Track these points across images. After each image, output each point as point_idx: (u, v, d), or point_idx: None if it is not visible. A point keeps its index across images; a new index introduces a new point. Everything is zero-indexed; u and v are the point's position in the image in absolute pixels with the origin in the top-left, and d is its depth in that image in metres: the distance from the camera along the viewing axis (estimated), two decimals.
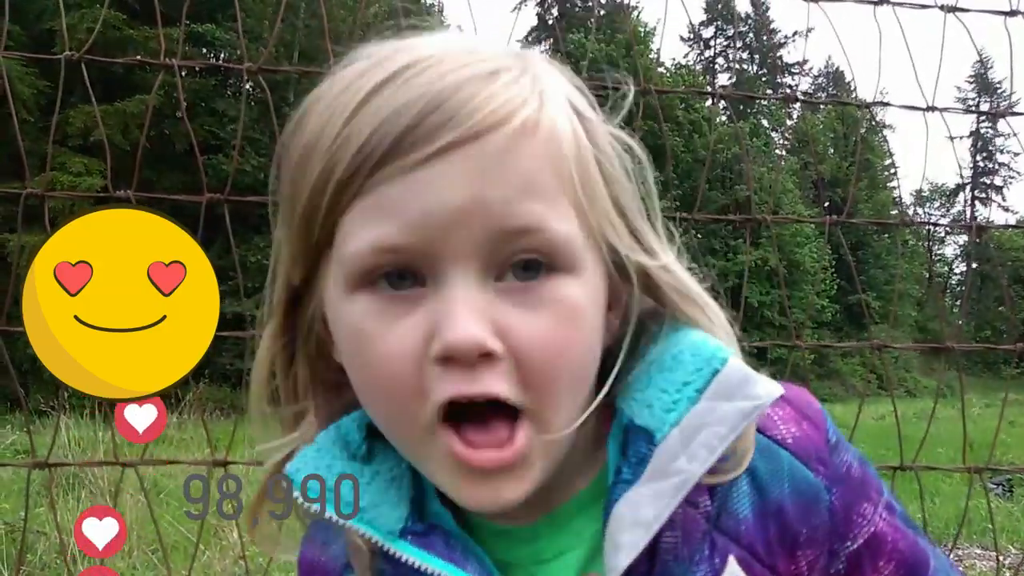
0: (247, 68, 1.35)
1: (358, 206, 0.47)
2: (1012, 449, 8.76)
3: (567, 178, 0.49)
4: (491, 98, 0.47)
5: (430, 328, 0.47)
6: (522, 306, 0.48)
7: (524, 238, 0.47)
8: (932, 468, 1.60)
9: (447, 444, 0.48)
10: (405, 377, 0.47)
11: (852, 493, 0.57)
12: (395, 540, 0.52)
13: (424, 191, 0.46)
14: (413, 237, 0.46)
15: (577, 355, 0.50)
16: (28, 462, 1.34)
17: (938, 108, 1.51)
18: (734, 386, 0.51)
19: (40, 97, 14.80)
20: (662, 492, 0.49)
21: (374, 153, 0.46)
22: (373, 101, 0.47)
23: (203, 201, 1.34)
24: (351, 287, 0.49)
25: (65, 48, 1.33)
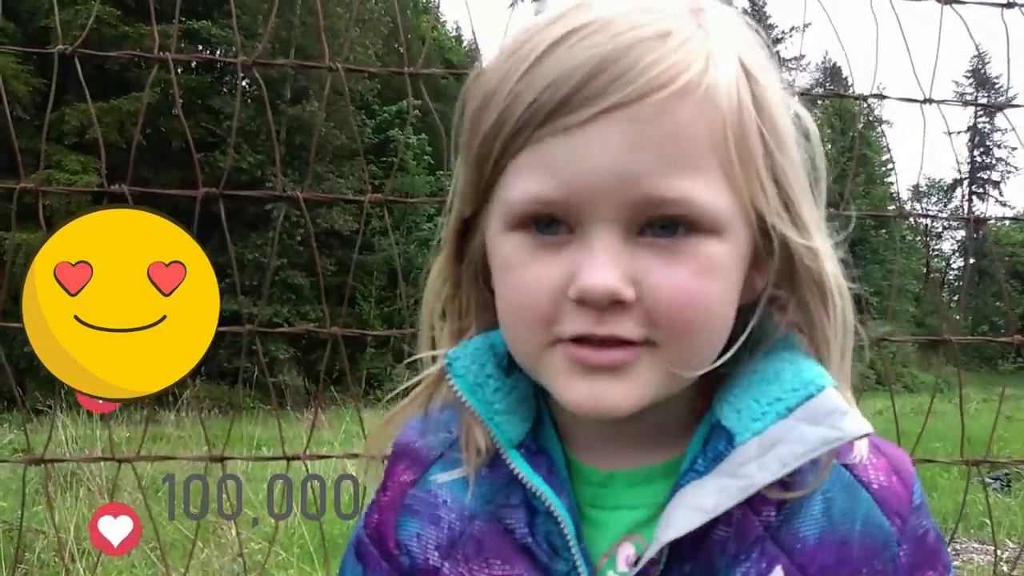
0: (241, 62, 1.34)
1: (522, 157, 0.51)
2: (1010, 444, 8.77)
3: (720, 140, 0.51)
4: (657, 62, 0.49)
5: (571, 270, 0.51)
6: (660, 259, 0.51)
7: (668, 207, 0.50)
8: (929, 461, 1.60)
9: (565, 349, 0.53)
10: (542, 306, 0.52)
11: (921, 556, 0.59)
12: (511, 449, 0.58)
13: (580, 152, 0.49)
14: (565, 194, 0.50)
15: (708, 307, 0.52)
16: (24, 458, 1.34)
17: (935, 100, 1.50)
18: (823, 414, 0.53)
19: (36, 95, 14.75)
20: (726, 489, 0.52)
21: (541, 111, 0.49)
22: (546, 60, 0.50)
23: (198, 196, 1.33)
24: (508, 226, 0.54)
25: (59, 44, 1.32)
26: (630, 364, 0.52)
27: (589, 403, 0.53)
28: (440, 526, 0.62)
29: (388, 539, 0.65)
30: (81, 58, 1.34)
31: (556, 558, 0.57)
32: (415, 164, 20.64)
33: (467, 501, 0.61)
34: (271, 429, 7.68)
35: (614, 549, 0.58)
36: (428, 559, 0.61)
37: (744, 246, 0.54)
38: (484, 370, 0.60)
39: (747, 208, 0.53)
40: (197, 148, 1.66)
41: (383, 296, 19.17)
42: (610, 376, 0.52)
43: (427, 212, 18.93)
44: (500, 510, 0.60)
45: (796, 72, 46.86)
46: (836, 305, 0.56)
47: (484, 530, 0.60)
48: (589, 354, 0.52)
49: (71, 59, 1.33)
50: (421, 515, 0.63)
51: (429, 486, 0.64)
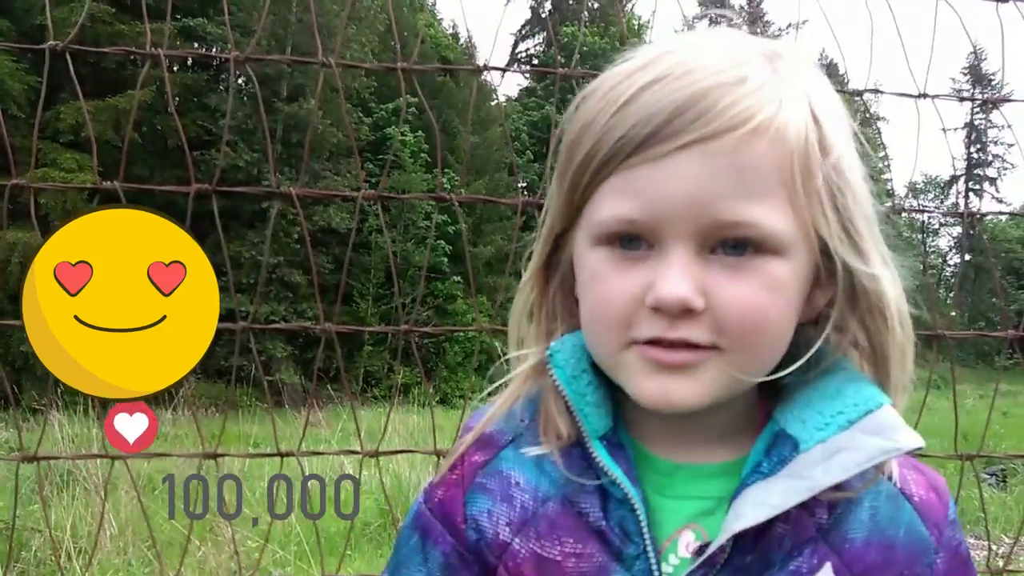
0: (234, 57, 1.33)
1: (611, 182, 0.59)
2: (1006, 439, 8.80)
3: (787, 173, 0.57)
4: (733, 104, 0.55)
5: (649, 282, 0.58)
6: (728, 274, 0.58)
7: (737, 229, 0.57)
8: (922, 455, 1.61)
9: (639, 350, 0.59)
10: (621, 312, 0.59)
11: (955, 566, 0.66)
12: (595, 440, 0.64)
13: (662, 179, 0.56)
14: (647, 215, 0.57)
15: (770, 319, 0.58)
16: (17, 455, 1.33)
17: (929, 95, 1.51)
18: (881, 427, 0.59)
19: (31, 93, 14.68)
20: (793, 488, 0.58)
21: (630, 143, 0.57)
22: (635, 101, 0.57)
23: (190, 192, 1.33)
24: (595, 242, 0.61)
25: (52, 39, 1.32)
26: (697, 365, 0.58)
27: (658, 397, 0.59)
28: (513, 504, 0.67)
29: (456, 514, 0.69)
30: (75, 55, 1.33)
31: (628, 542, 0.62)
32: (412, 161, 20.61)
33: (542, 484, 0.66)
34: (268, 427, 7.67)
35: (676, 535, 0.63)
36: (499, 534, 0.66)
37: (805, 267, 0.60)
38: (580, 364, 0.66)
39: (809, 233, 0.59)
40: (194, 146, 1.66)
41: (381, 294, 19.14)
42: (678, 374, 0.59)
43: (424, 210, 18.90)
44: (574, 494, 0.65)
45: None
46: (894, 328, 0.61)
47: (557, 511, 0.65)
48: (660, 354, 0.58)
49: (65, 56, 1.32)
50: (494, 493, 0.68)
51: (501, 467, 0.69)
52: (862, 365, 0.64)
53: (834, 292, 0.62)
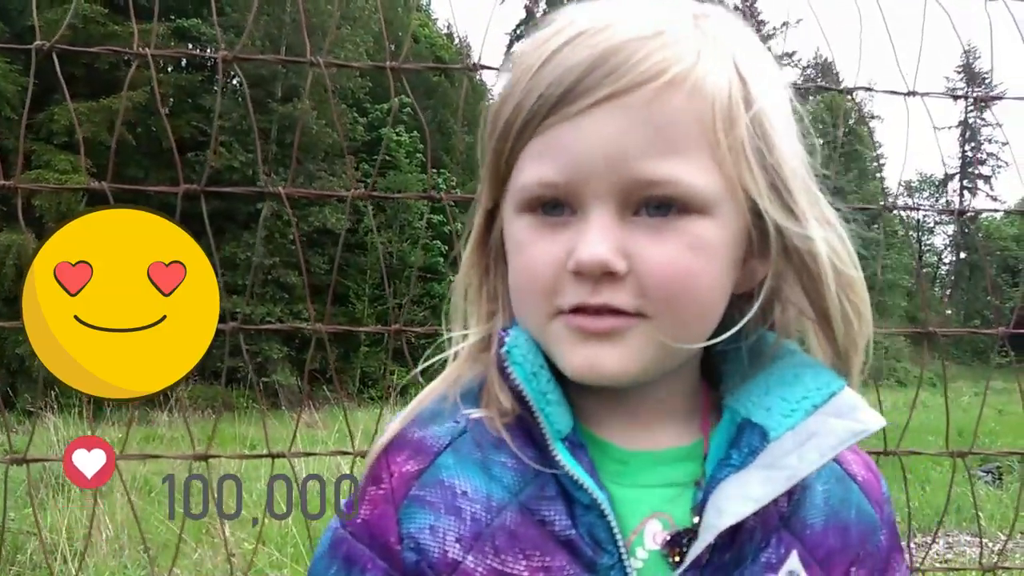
0: (222, 56, 1.33)
1: (531, 146, 0.57)
2: (1001, 437, 8.83)
3: (708, 129, 0.55)
4: (647, 57, 0.54)
5: (571, 247, 0.56)
6: (651, 235, 0.56)
7: (657, 187, 0.55)
8: (914, 453, 1.61)
9: (565, 319, 0.58)
10: (546, 278, 0.57)
11: (894, 541, 0.67)
12: (558, 442, 0.59)
13: (578, 138, 0.55)
14: (566, 177, 0.56)
15: (696, 281, 0.56)
16: (6, 458, 1.33)
17: (919, 93, 1.51)
18: (846, 409, 0.58)
19: (24, 95, 14.65)
20: (772, 479, 0.56)
21: (546, 103, 0.55)
22: (553, 60, 0.56)
23: (179, 192, 1.33)
24: (518, 209, 0.60)
25: (39, 39, 1.31)
26: (623, 331, 0.56)
27: (587, 367, 0.57)
28: (462, 517, 0.60)
29: (388, 533, 0.61)
30: (66, 56, 1.32)
31: (600, 552, 0.58)
32: (407, 161, 20.59)
33: (494, 491, 0.60)
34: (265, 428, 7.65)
35: (641, 526, 0.60)
36: (447, 552, 0.59)
37: (734, 228, 0.58)
38: (538, 360, 0.61)
39: (736, 191, 0.57)
40: (189, 147, 1.65)
41: (377, 295, 19.12)
42: (605, 342, 0.56)
43: (420, 210, 18.91)
44: (533, 501, 0.59)
45: (787, 67, 47.00)
46: (829, 291, 0.59)
47: (517, 521, 0.59)
48: (584, 321, 0.56)
49: (60, 57, 1.32)
50: (436, 506, 0.61)
51: (441, 476, 0.62)
52: (816, 335, 0.62)
53: (766, 264, 0.60)
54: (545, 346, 0.61)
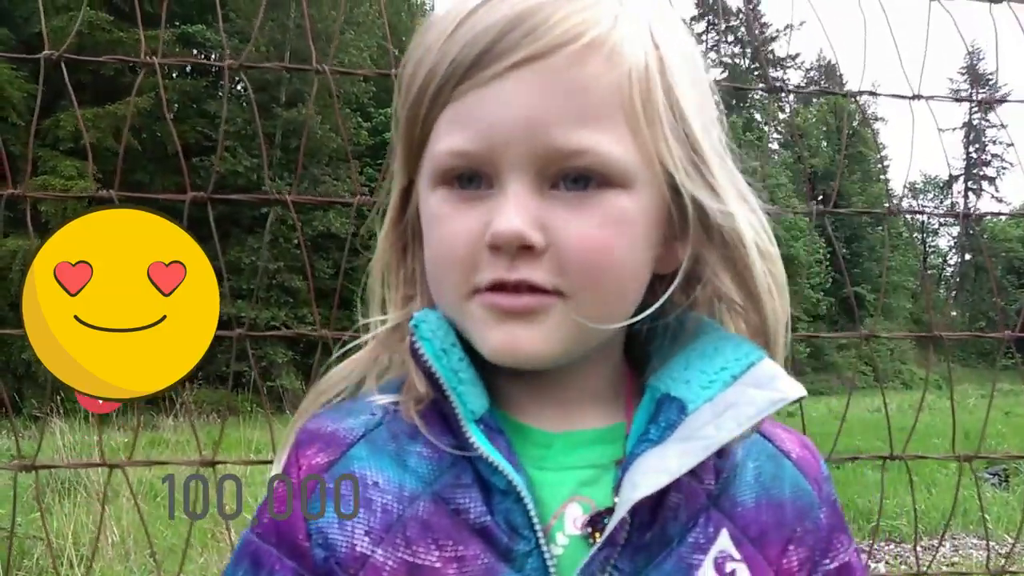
0: (228, 65, 1.34)
1: (445, 114, 0.55)
2: (1008, 439, 8.80)
3: (626, 98, 0.53)
4: (565, 18, 0.52)
5: (487, 221, 0.54)
6: (569, 209, 0.54)
7: (575, 158, 0.53)
8: (921, 457, 1.61)
9: (482, 298, 0.55)
10: (462, 255, 0.55)
11: (836, 519, 0.64)
12: (471, 423, 0.57)
13: (494, 104, 0.52)
14: (480, 146, 0.53)
15: (615, 257, 0.55)
16: (15, 464, 1.33)
17: (923, 96, 1.51)
18: (765, 379, 0.57)
19: (30, 101, 14.71)
20: (689, 451, 0.55)
21: (460, 67, 0.53)
22: (468, 22, 0.53)
23: (186, 199, 1.33)
24: (433, 183, 0.57)
25: (48, 48, 1.32)
26: (541, 310, 0.54)
27: (505, 348, 0.55)
28: (372, 509, 0.57)
29: (296, 531, 0.58)
30: (72, 63, 1.33)
31: (517, 538, 0.55)
32: None
33: (407, 481, 0.57)
34: (270, 433, 7.66)
35: (561, 510, 0.57)
36: (355, 546, 0.56)
37: (653, 203, 0.56)
38: (448, 337, 0.58)
39: (654, 165, 0.55)
40: (194, 152, 1.66)
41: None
42: (523, 321, 0.54)
43: None
44: (448, 490, 0.57)
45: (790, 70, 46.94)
46: (755, 266, 0.58)
47: (430, 510, 0.56)
48: (502, 299, 0.54)
49: (64, 64, 1.33)
50: (346, 499, 0.58)
51: (352, 467, 0.59)
52: (732, 315, 0.62)
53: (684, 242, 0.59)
54: (463, 328, 0.58)
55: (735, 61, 45.32)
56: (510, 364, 0.56)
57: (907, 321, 36.90)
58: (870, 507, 6.01)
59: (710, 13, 44.43)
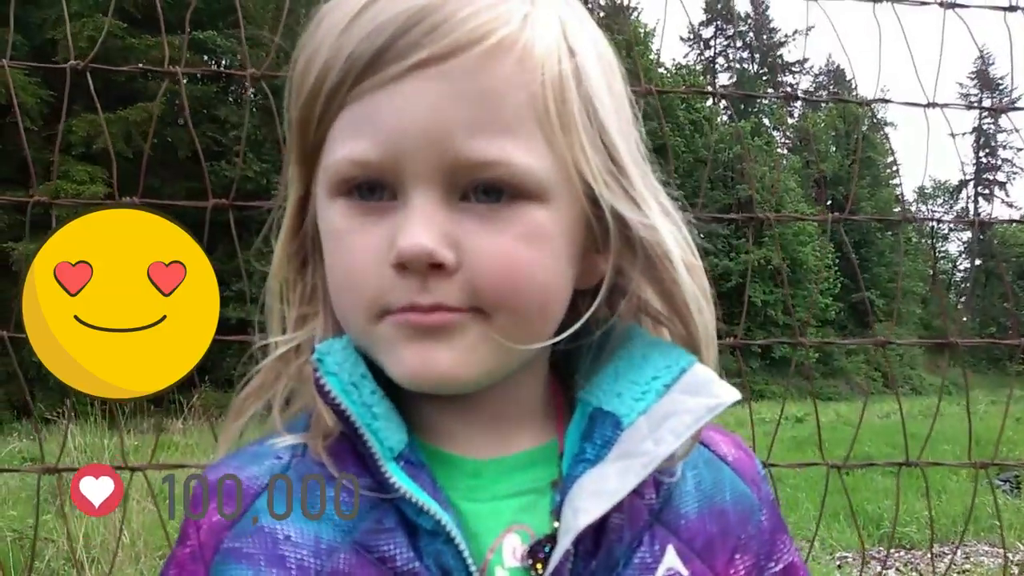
0: (250, 74, 1.35)
1: (342, 117, 0.50)
2: (1019, 446, 8.72)
3: (539, 104, 0.49)
4: (472, 16, 0.47)
5: (392, 237, 0.49)
6: (481, 225, 0.50)
7: (487, 169, 0.49)
8: (937, 464, 1.60)
9: (393, 319, 0.50)
10: (367, 277, 0.50)
11: (776, 521, 0.63)
12: (390, 462, 0.52)
13: (395, 107, 0.48)
14: (381, 154, 0.49)
15: (533, 275, 0.51)
16: (37, 468, 1.34)
17: (938, 104, 1.51)
18: (699, 384, 0.54)
19: (43, 106, 14.85)
20: (628, 468, 0.52)
21: (356, 65, 0.48)
22: (365, 15, 0.48)
23: (208, 207, 1.35)
24: (331, 193, 0.52)
25: (70, 57, 1.34)
26: (457, 327, 0.50)
27: (420, 369, 0.50)
28: (286, 566, 0.51)
29: None
30: (91, 72, 1.35)
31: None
32: None
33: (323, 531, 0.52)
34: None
35: (498, 542, 0.54)
36: None
37: (571, 217, 0.53)
38: (357, 369, 0.54)
39: (571, 176, 0.51)
40: (205, 157, 1.67)
41: None
42: (438, 340, 0.50)
43: None
44: (369, 537, 0.52)
45: (799, 75, 46.81)
46: (683, 278, 0.55)
47: (352, 562, 0.51)
48: (415, 317, 0.50)
49: (82, 72, 1.34)
50: (254, 558, 0.52)
51: (261, 521, 0.54)
52: (658, 330, 0.59)
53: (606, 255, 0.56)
54: (372, 352, 0.53)
55: (743, 66, 45.25)
56: (428, 388, 0.52)
57: (917, 327, 36.65)
58: (880, 513, 5.97)
59: (718, 18, 44.40)
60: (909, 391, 29.68)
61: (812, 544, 1.96)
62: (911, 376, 32.98)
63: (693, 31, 43.99)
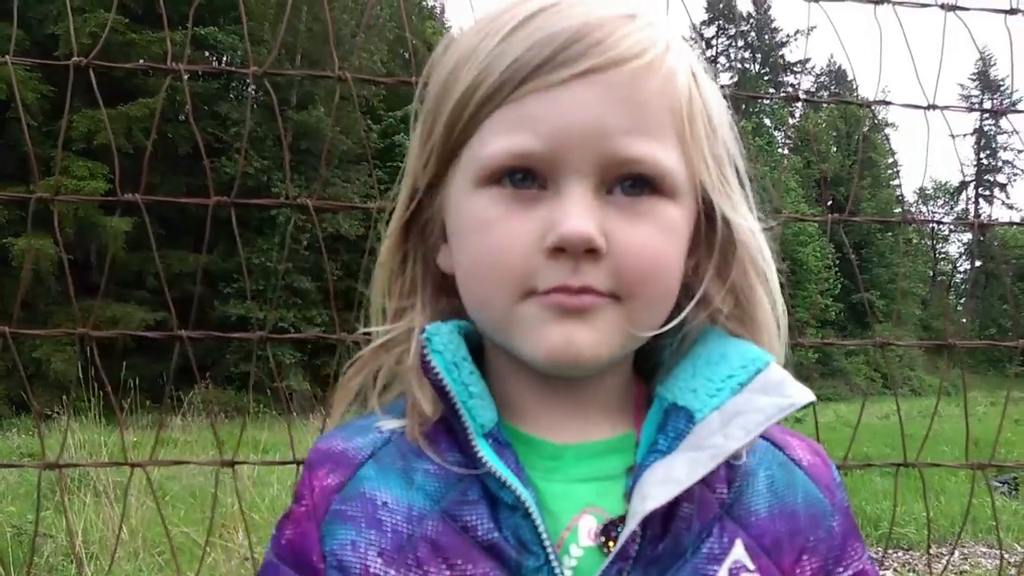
0: (253, 72, 1.35)
1: (500, 114, 0.54)
2: (1017, 447, 8.73)
3: (677, 116, 0.57)
4: (628, 37, 0.54)
5: (546, 224, 0.53)
6: (626, 216, 0.55)
7: (635, 165, 0.55)
8: (935, 465, 1.60)
9: (539, 300, 0.55)
10: (517, 260, 0.54)
11: (849, 527, 0.64)
12: (480, 438, 0.57)
13: (560, 108, 0.53)
14: (545, 147, 0.54)
15: (666, 266, 0.57)
16: (39, 463, 1.34)
17: (939, 107, 1.50)
18: (773, 385, 0.57)
19: (44, 102, 14.84)
20: (697, 460, 0.55)
21: (523, 68, 0.53)
22: (527, 25, 0.54)
23: (210, 204, 1.34)
24: (480, 183, 0.56)
25: (73, 53, 1.34)
26: (599, 311, 0.55)
27: (562, 347, 0.54)
28: (383, 530, 0.57)
29: (311, 552, 0.60)
30: (93, 68, 1.35)
31: (526, 554, 0.55)
32: None
33: (415, 500, 0.58)
34: (277, 434, 7.68)
35: (574, 522, 0.57)
36: (368, 567, 0.56)
37: (691, 217, 0.60)
38: (460, 351, 0.59)
39: (695, 180, 0.59)
40: (205, 153, 1.67)
41: None
42: (583, 322, 0.54)
43: None
44: (455, 507, 0.57)
45: (800, 75, 46.76)
46: (772, 282, 0.61)
47: (439, 530, 0.56)
48: (565, 298, 0.54)
49: (84, 69, 1.34)
50: (357, 520, 0.58)
51: (363, 487, 0.60)
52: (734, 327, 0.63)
53: (699, 257, 0.62)
54: (508, 334, 0.57)
55: (745, 66, 45.22)
56: (562, 367, 0.56)
57: (917, 327, 36.67)
58: (879, 514, 5.97)
59: (720, 18, 44.37)
60: (909, 392, 29.69)
61: None
62: (911, 377, 32.99)
63: (695, 30, 43.89)
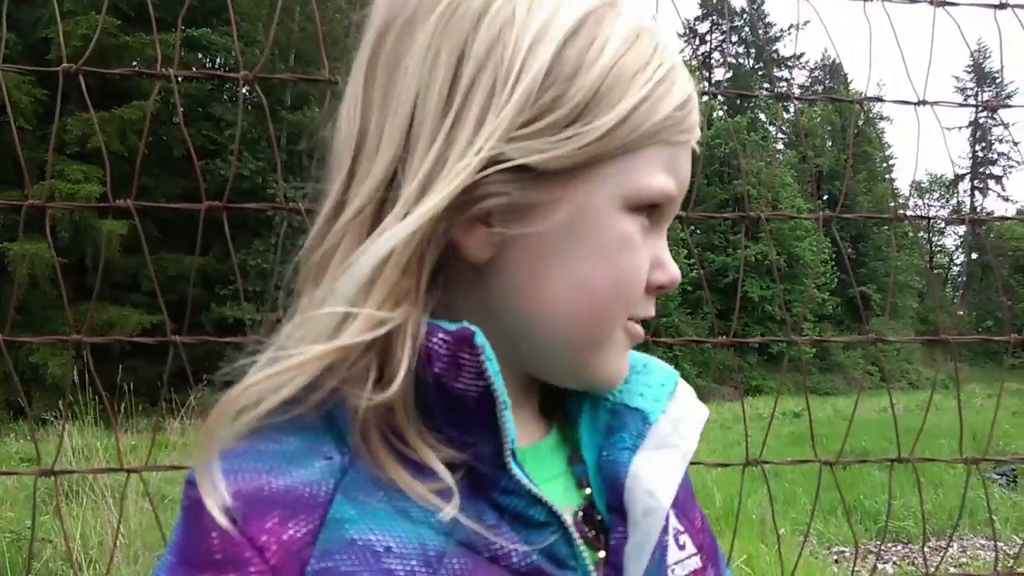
0: (243, 76, 1.35)
1: (654, 151, 0.55)
2: (1015, 439, 8.76)
3: None
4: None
5: (653, 259, 0.58)
6: None
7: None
8: (929, 460, 1.61)
9: (628, 328, 0.58)
10: (638, 288, 0.57)
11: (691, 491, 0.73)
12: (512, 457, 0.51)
13: (687, 162, 0.59)
14: (677, 194, 0.58)
15: None
16: (35, 470, 1.34)
17: (929, 102, 1.51)
18: (690, 394, 0.65)
19: (37, 105, 14.79)
20: (674, 458, 0.59)
21: (681, 117, 0.56)
22: (674, 78, 0.56)
23: (202, 209, 1.34)
24: (628, 207, 0.55)
25: (62, 56, 1.34)
26: None
27: (622, 372, 0.60)
28: None
29: None
30: (84, 72, 1.35)
31: (566, 570, 0.52)
32: None
33: (426, 536, 0.47)
34: None
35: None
36: None
37: None
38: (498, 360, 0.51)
39: None
40: (199, 155, 1.67)
41: None
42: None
43: None
44: (476, 536, 0.48)
45: (795, 70, 46.82)
46: None
47: (467, 565, 0.48)
48: (641, 330, 0.60)
49: (74, 75, 1.34)
50: (357, 574, 0.45)
51: (348, 532, 0.46)
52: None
53: None
54: (592, 354, 0.56)
55: (739, 61, 45.27)
56: (608, 387, 0.60)
57: (913, 321, 36.77)
58: (877, 508, 5.99)
59: (714, 13, 44.40)
60: (906, 385, 29.78)
61: (806, 538, 1.97)
62: (908, 370, 33.10)
63: (688, 26, 43.97)
